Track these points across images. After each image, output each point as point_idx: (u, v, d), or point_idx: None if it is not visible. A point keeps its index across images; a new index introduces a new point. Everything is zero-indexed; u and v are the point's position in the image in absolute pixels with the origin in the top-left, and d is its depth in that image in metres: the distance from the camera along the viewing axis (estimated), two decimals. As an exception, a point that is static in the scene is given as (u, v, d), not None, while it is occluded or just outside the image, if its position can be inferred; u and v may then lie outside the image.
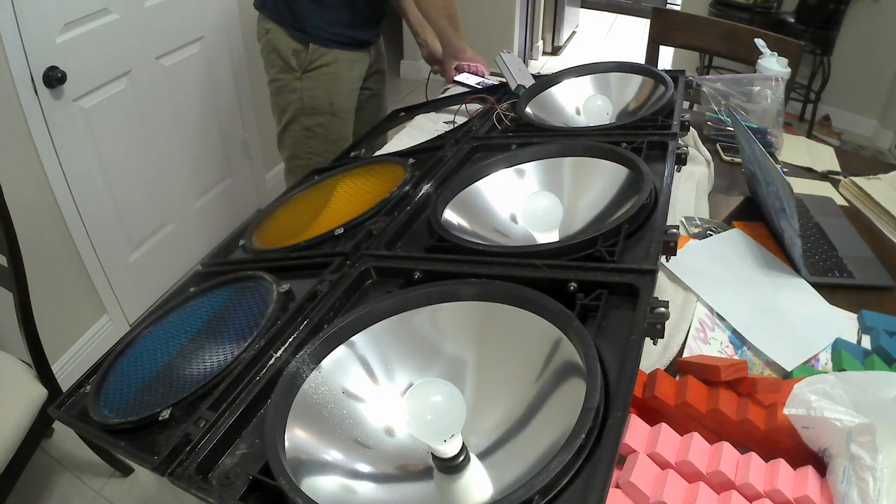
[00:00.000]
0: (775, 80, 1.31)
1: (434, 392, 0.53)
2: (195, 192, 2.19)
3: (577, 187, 0.89)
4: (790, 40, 1.62)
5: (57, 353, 1.72)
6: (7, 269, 1.22)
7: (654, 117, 0.99)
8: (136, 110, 1.84)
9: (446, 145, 1.06)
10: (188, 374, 0.66)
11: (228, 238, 0.99)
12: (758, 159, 1.01)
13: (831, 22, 2.83)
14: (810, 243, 1.03)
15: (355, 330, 0.62)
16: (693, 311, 0.87)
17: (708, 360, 0.70)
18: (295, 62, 1.46)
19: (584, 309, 0.61)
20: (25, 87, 1.49)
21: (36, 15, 1.47)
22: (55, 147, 1.59)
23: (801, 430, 0.61)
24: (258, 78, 2.36)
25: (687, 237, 1.03)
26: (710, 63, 2.98)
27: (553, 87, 1.23)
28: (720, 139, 1.37)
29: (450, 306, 0.64)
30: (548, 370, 0.57)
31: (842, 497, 0.54)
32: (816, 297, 0.91)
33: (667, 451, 0.59)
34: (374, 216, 0.85)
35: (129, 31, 1.75)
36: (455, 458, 0.54)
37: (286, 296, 0.72)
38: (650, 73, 1.16)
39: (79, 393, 0.69)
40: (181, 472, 0.52)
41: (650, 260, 0.65)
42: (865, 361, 0.78)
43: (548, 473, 0.44)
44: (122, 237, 1.90)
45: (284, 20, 1.44)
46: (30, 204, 1.56)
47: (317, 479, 0.52)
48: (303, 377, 0.58)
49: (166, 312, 0.79)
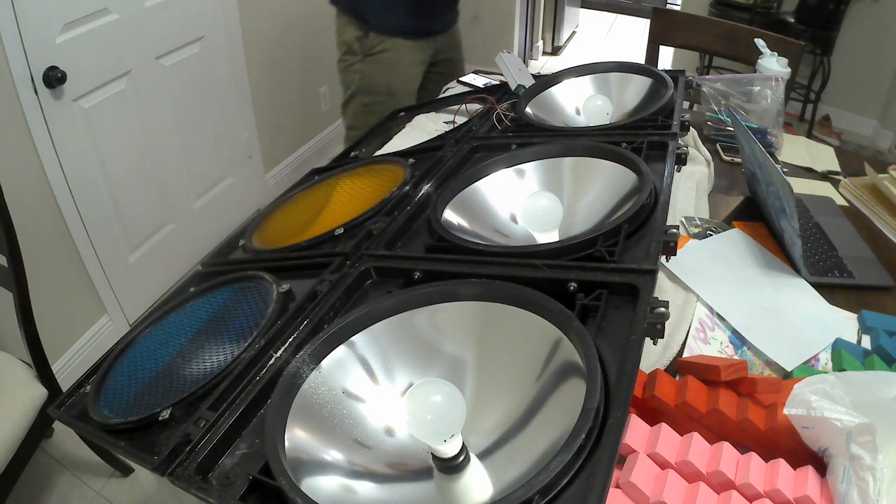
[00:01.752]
0: (775, 80, 1.30)
1: (434, 392, 0.53)
2: (195, 192, 2.19)
3: (577, 187, 0.89)
4: (790, 40, 1.62)
5: (57, 353, 1.72)
6: (7, 269, 1.22)
7: (654, 117, 0.99)
8: (136, 110, 1.84)
9: (446, 145, 1.06)
10: (188, 374, 0.66)
11: (228, 238, 0.99)
12: (758, 159, 1.01)
13: (831, 22, 2.83)
14: (810, 243, 1.03)
15: (355, 330, 0.62)
16: (693, 311, 0.87)
17: (708, 360, 0.70)
18: (357, 47, 1.63)
19: (584, 309, 0.61)
20: (25, 87, 1.49)
21: (36, 15, 1.47)
22: (55, 147, 1.59)
23: (801, 430, 0.61)
24: (258, 78, 2.37)
25: (687, 237, 1.03)
26: (710, 63, 2.97)
27: (553, 87, 1.23)
28: (720, 139, 1.37)
29: (450, 306, 0.64)
30: (548, 370, 0.57)
31: (842, 497, 0.54)
32: (816, 297, 0.91)
33: (667, 451, 0.59)
34: (374, 216, 0.85)
35: (129, 31, 1.75)
36: (455, 458, 0.54)
37: (286, 296, 0.72)
38: (650, 73, 1.16)
39: (79, 393, 0.69)
40: (181, 472, 0.52)
41: (650, 260, 0.65)
42: (865, 361, 0.78)
43: (548, 473, 0.44)
44: (122, 237, 1.90)
45: (349, 10, 1.63)
46: (30, 204, 1.56)
47: (317, 479, 0.52)
48: (303, 377, 0.58)
49: (166, 312, 0.79)
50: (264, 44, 2.37)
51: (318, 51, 2.73)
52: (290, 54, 2.55)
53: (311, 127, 2.86)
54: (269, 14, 2.37)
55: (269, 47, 2.41)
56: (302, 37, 2.60)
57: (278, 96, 2.55)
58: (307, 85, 2.74)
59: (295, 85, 2.65)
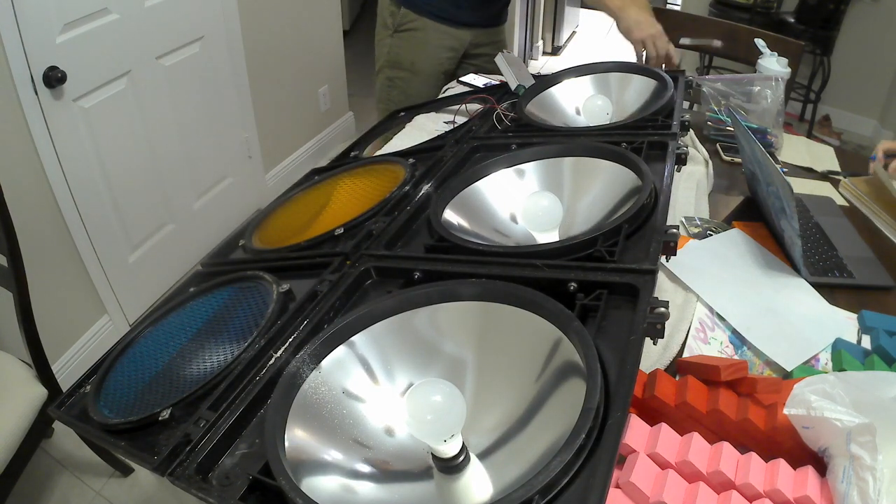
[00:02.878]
0: (775, 80, 1.31)
1: (434, 392, 0.53)
2: (195, 192, 2.19)
3: (577, 187, 0.89)
4: (790, 40, 1.62)
5: (57, 353, 1.72)
6: (7, 269, 1.22)
7: (654, 117, 0.99)
8: (136, 110, 1.84)
9: (446, 145, 1.06)
10: (188, 374, 0.66)
11: (228, 238, 0.99)
12: (758, 159, 1.01)
13: (831, 22, 2.83)
14: (810, 243, 1.03)
15: (355, 330, 0.62)
16: (693, 311, 0.87)
17: (708, 360, 0.70)
18: (390, 21, 1.65)
19: (584, 309, 0.61)
20: (25, 87, 1.49)
21: (36, 15, 1.47)
22: (55, 147, 1.59)
23: (801, 430, 0.61)
24: (258, 78, 2.37)
25: (687, 237, 1.03)
26: (710, 63, 2.98)
27: (553, 87, 1.23)
28: (720, 139, 1.37)
29: (450, 306, 0.64)
30: (548, 370, 0.57)
31: (842, 497, 0.54)
32: (816, 297, 0.91)
33: (667, 451, 0.59)
34: (374, 216, 0.85)
35: (129, 31, 1.75)
36: (455, 458, 0.54)
37: (286, 296, 0.72)
38: (650, 73, 1.16)
39: (79, 393, 0.69)
40: (181, 472, 0.52)
41: (650, 260, 0.65)
42: (865, 361, 0.78)
43: (548, 473, 0.44)
44: (122, 237, 1.90)
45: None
46: (30, 204, 1.57)
47: (317, 479, 0.52)
48: (303, 377, 0.58)
49: (166, 312, 0.79)
50: (264, 44, 2.37)
51: (318, 51, 2.74)
52: (290, 54, 2.55)
53: (311, 127, 2.86)
54: (269, 14, 2.37)
55: (269, 47, 2.41)
56: (302, 37, 2.60)
57: (278, 96, 2.55)
58: (307, 85, 2.74)
59: (295, 85, 2.65)
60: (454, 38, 1.66)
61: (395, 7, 1.63)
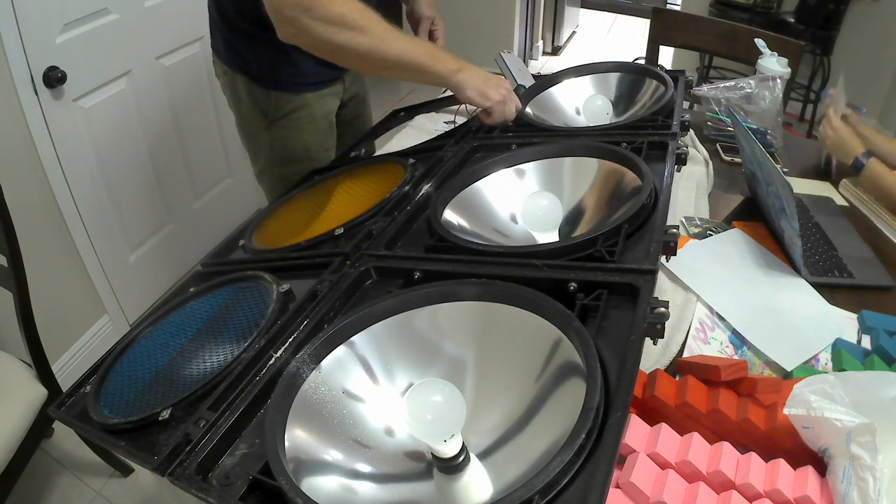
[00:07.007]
0: (774, 80, 1.31)
1: (434, 392, 0.53)
2: (195, 192, 2.19)
3: (578, 187, 0.89)
4: (790, 40, 1.62)
5: (57, 353, 1.72)
6: (7, 269, 1.22)
7: (654, 117, 1.00)
8: (136, 110, 1.84)
9: (446, 145, 1.06)
10: (188, 374, 0.66)
11: (228, 238, 0.99)
12: (758, 159, 1.01)
13: (831, 22, 2.83)
14: (810, 243, 1.03)
15: (355, 330, 0.62)
16: (693, 311, 0.87)
17: (708, 360, 0.70)
18: (259, 111, 1.25)
19: (584, 309, 0.61)
20: (25, 87, 1.49)
21: (36, 15, 1.47)
22: (55, 147, 1.59)
23: (801, 430, 0.61)
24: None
25: (687, 237, 1.03)
26: (710, 63, 2.97)
27: (553, 87, 1.23)
28: (720, 139, 1.37)
29: (450, 306, 0.64)
30: (548, 370, 0.57)
31: (842, 497, 0.54)
32: (816, 297, 0.91)
33: (667, 451, 0.59)
34: (374, 216, 0.85)
35: (128, 31, 1.75)
36: (455, 458, 0.54)
37: (286, 296, 0.72)
38: (650, 73, 1.16)
39: (79, 393, 0.69)
40: (181, 472, 0.52)
41: (650, 260, 0.65)
42: (865, 361, 0.78)
43: (548, 473, 0.44)
44: (122, 237, 1.90)
45: (242, 65, 1.23)
46: (30, 204, 1.56)
47: (317, 479, 0.52)
48: (303, 377, 0.58)
49: (166, 312, 0.79)
50: (264, 44, 2.37)
51: (318, 51, 2.73)
52: (290, 54, 2.55)
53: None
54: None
55: (269, 47, 2.41)
56: (302, 37, 2.59)
57: (278, 96, 2.54)
58: (307, 85, 2.74)
59: (295, 85, 2.64)
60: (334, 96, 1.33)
61: (262, 93, 1.23)
